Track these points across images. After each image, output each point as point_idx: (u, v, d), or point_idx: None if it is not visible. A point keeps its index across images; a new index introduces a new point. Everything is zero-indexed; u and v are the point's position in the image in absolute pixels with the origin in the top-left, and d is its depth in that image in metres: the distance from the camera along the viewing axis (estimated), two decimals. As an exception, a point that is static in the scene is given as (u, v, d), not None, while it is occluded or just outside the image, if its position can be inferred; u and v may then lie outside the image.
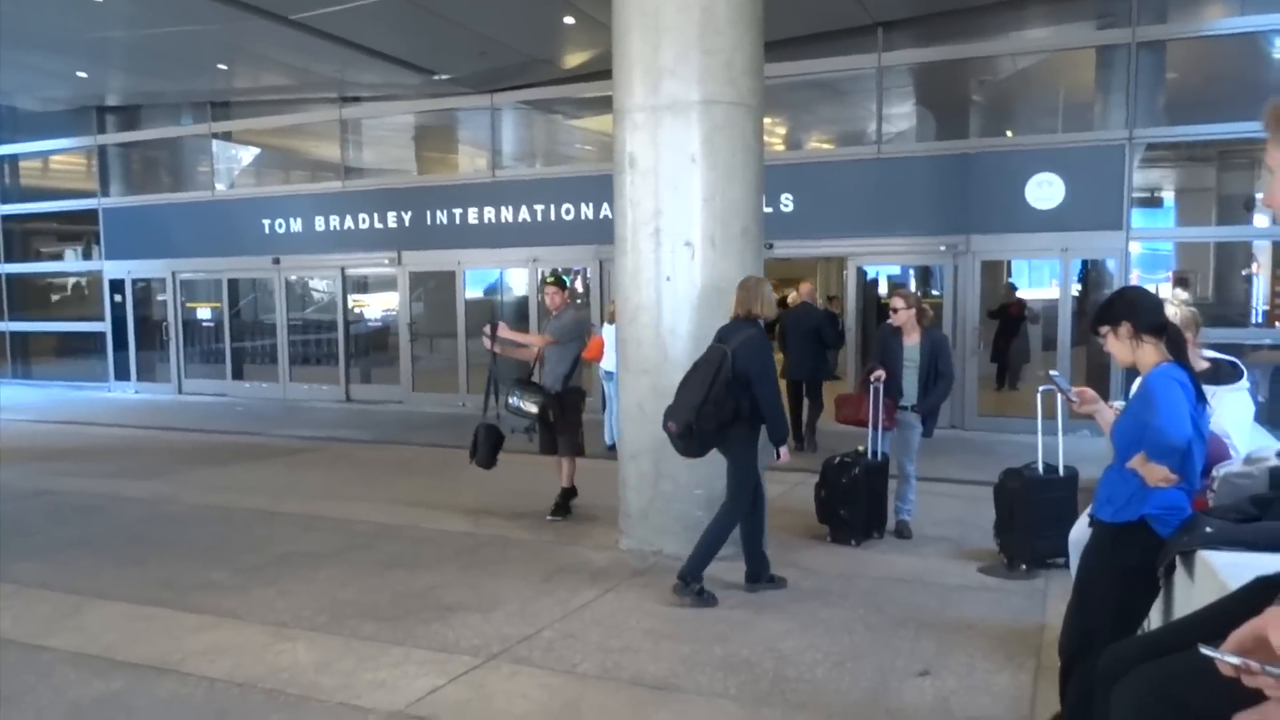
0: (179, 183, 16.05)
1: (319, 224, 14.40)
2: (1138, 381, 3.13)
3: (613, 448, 7.80)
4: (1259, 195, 11.72)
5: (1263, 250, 12.08)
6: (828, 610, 4.88)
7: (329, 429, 11.61)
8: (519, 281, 13.68)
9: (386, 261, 13.96)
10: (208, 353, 15.68)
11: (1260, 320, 12.14)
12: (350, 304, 14.76)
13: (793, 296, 20.74)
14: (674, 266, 5.71)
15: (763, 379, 4.90)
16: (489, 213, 13.24)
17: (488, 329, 6.83)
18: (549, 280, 7.09)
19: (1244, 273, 12.30)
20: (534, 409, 6.71)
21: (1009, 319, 12.03)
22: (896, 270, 12.53)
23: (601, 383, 9.97)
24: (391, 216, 13.92)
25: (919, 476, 6.46)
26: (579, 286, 13.93)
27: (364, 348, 14.94)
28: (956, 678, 3.99)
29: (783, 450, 5.08)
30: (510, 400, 6.76)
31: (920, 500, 6.53)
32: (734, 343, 4.93)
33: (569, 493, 6.96)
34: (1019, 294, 12.53)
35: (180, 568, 5.65)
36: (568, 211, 12.75)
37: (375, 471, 8.83)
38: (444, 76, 12.65)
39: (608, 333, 9.10)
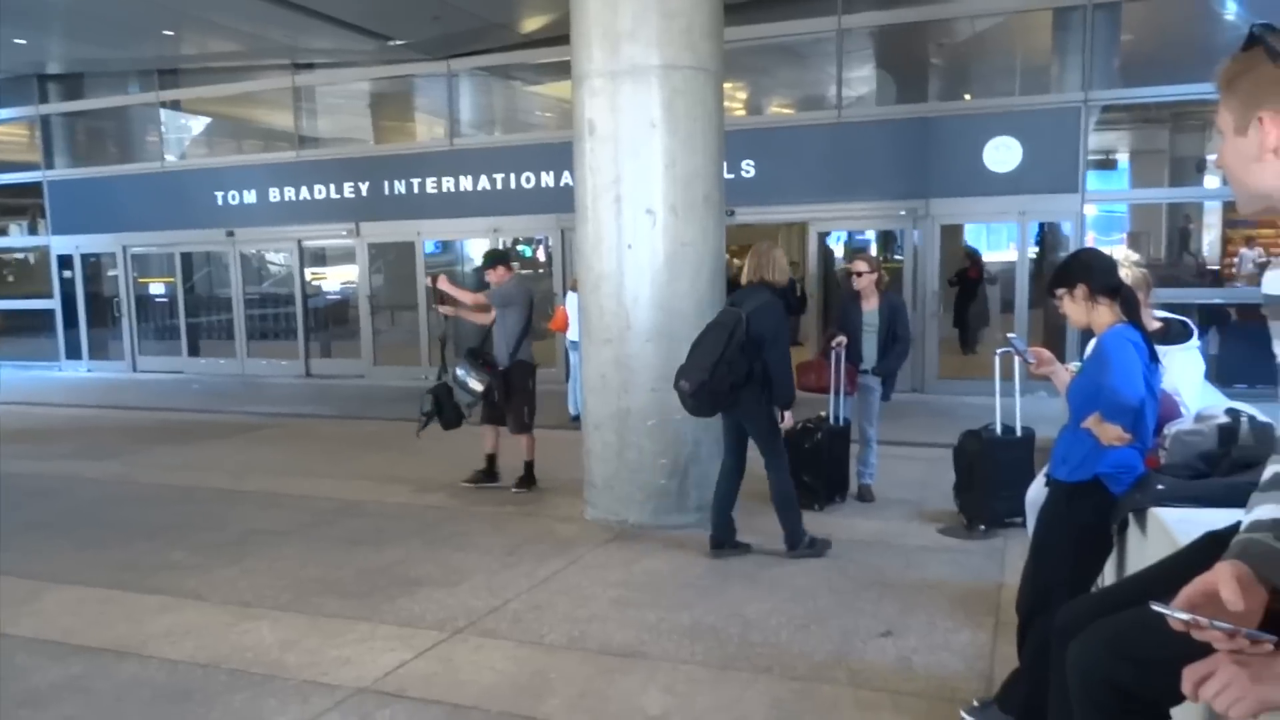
0: (127, 154, 15.63)
1: (274, 195, 14.13)
2: (1092, 343, 3.18)
3: (577, 419, 7.79)
4: (1210, 157, 11.91)
5: (1213, 210, 12.30)
6: (792, 575, 4.94)
7: (289, 405, 11.47)
8: (479, 252, 13.51)
9: (344, 233, 13.75)
10: (162, 329, 15.38)
11: (1211, 280, 12.40)
12: (308, 277, 14.55)
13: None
14: (635, 234, 5.68)
15: (775, 343, 5.02)
16: (448, 182, 13.08)
17: (429, 281, 6.79)
18: (484, 264, 6.85)
19: (1183, 228, 12.46)
20: (479, 387, 6.60)
21: (968, 283, 12.17)
22: (858, 235, 12.57)
23: (567, 353, 9.95)
24: (348, 187, 13.69)
25: (880, 440, 6.53)
26: (540, 256, 13.85)
27: (323, 321, 14.75)
28: (918, 636, 4.06)
29: (787, 414, 5.21)
30: (458, 372, 6.67)
31: (882, 464, 6.61)
32: (748, 306, 5.02)
33: (492, 461, 6.91)
34: (977, 256, 12.68)
35: (140, 549, 5.57)
36: (528, 180, 12.63)
37: (337, 447, 8.76)
38: (399, 42, 12.40)
39: (571, 302, 9.05)
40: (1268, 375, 1.58)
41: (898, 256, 11.42)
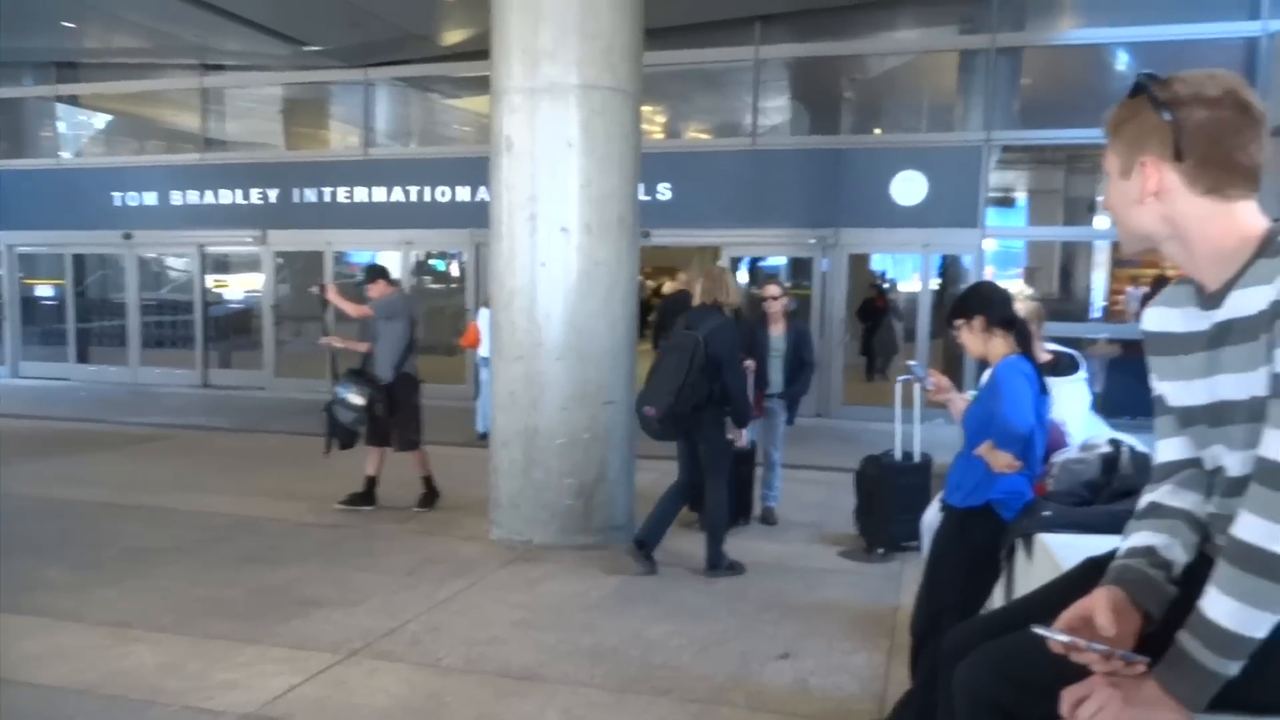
0: (18, 148, 14.88)
1: (176, 198, 13.63)
2: (987, 372, 3.28)
3: (485, 436, 7.69)
4: (1100, 198, 12.52)
5: (1102, 248, 12.92)
6: (695, 597, 4.95)
7: (184, 416, 11.04)
8: (391, 265, 13.28)
9: (250, 240, 13.35)
10: (49, 333, 14.65)
11: (1100, 315, 13.01)
12: (209, 284, 14.07)
13: (668, 285, 21.09)
14: (550, 252, 5.66)
15: (732, 364, 5.15)
16: (361, 192, 12.83)
17: (316, 288, 6.61)
18: (364, 279, 6.67)
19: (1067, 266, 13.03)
20: (360, 401, 6.41)
21: (875, 312, 12.48)
22: (772, 260, 12.80)
23: (478, 370, 9.85)
24: (256, 193, 13.31)
25: (785, 464, 6.63)
26: (454, 271, 13.69)
27: (224, 330, 14.27)
28: (815, 659, 4.11)
29: (744, 432, 5.58)
30: (337, 391, 6.45)
31: (786, 487, 6.71)
32: (703, 329, 5.11)
33: (371, 483, 6.67)
34: (883, 287, 13.03)
35: (10, 567, 5.25)
36: (443, 194, 12.49)
37: (234, 461, 8.45)
38: (314, 48, 12.15)
39: (483, 318, 8.97)
40: (1149, 408, 1.66)
41: (805, 284, 11.67)
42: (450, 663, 4.01)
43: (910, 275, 12.41)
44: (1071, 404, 3.63)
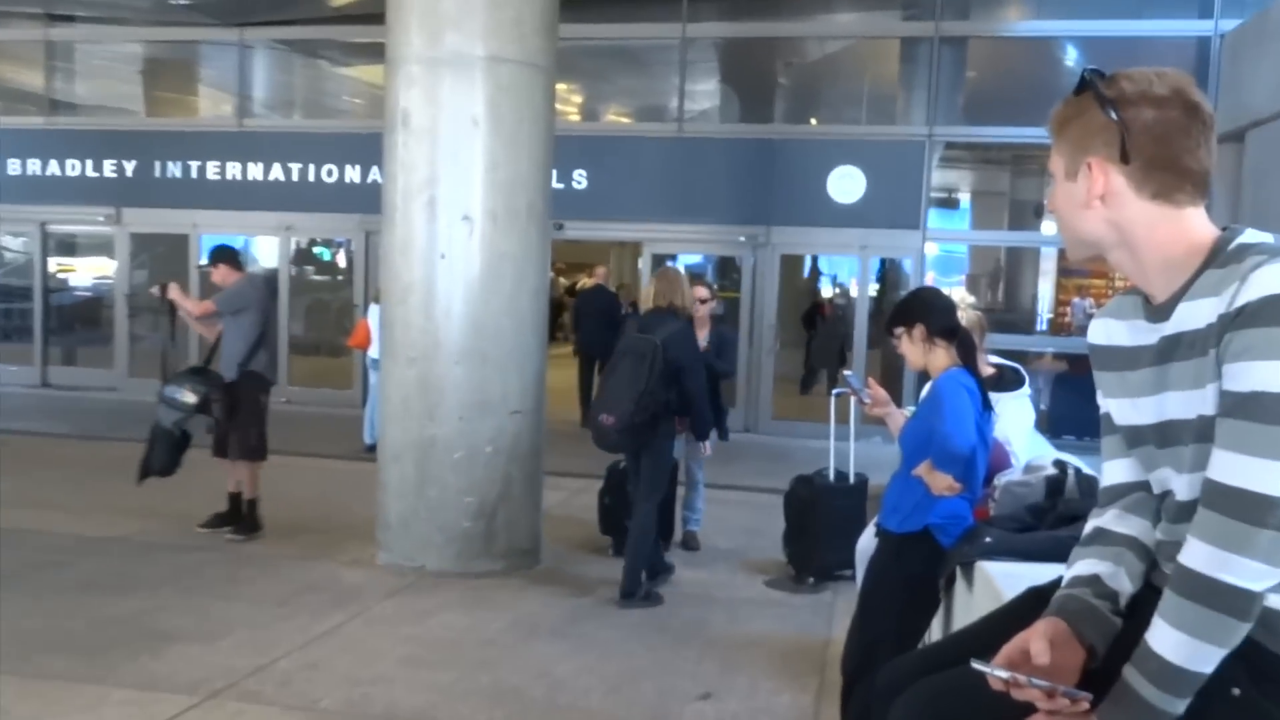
0: None
1: (12, 167, 13.05)
2: (928, 386, 3.37)
3: (373, 449, 7.56)
4: (1046, 201, 12.99)
5: (1049, 255, 13.40)
6: (607, 630, 4.95)
7: (18, 420, 10.56)
8: (268, 252, 13.02)
9: (101, 219, 12.86)
10: None
11: (1044, 328, 13.49)
12: (52, 268, 13.51)
13: (584, 281, 21.16)
14: (450, 242, 5.62)
15: (694, 371, 5.38)
16: (234, 169, 12.50)
17: (157, 289, 6.34)
18: (208, 261, 6.46)
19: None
20: (192, 399, 6.09)
21: (821, 320, 12.67)
22: (696, 259, 12.94)
23: (367, 373, 9.69)
24: (110, 165, 12.83)
25: (708, 483, 6.69)
26: (340, 261, 13.44)
27: (68, 322, 13.72)
28: (738, 699, 4.15)
29: (707, 444, 5.87)
30: (165, 390, 6.13)
31: (709, 509, 6.76)
32: (660, 334, 5.25)
33: (236, 501, 6.41)
34: (825, 293, 13.26)
35: None
36: (329, 173, 12.26)
37: (78, 473, 8.12)
38: (182, 1, 11.79)
39: (373, 315, 8.82)
40: (1096, 427, 1.71)
41: (733, 284, 11.80)
42: (329, 705, 3.92)
43: (847, 279, 12.67)
44: (1015, 422, 3.75)
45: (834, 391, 6.04)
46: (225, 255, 6.44)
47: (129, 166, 12.78)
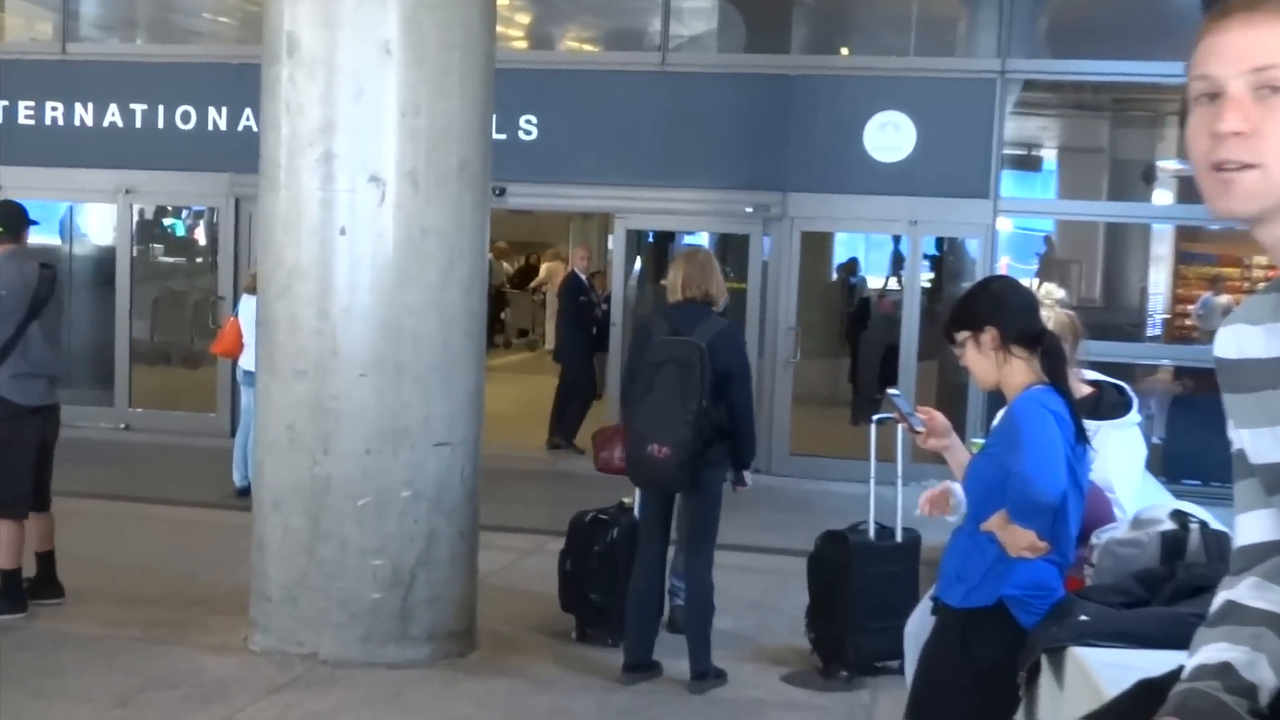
0: None
1: None
2: (1002, 412, 3.39)
3: (246, 492, 7.53)
4: (1165, 162, 13.10)
5: (1163, 236, 13.53)
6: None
7: None
8: (100, 224, 12.95)
9: None
10: None
11: (1158, 333, 13.57)
12: None
13: (548, 268, 21.18)
14: (353, 213, 5.61)
15: (744, 381, 5.68)
16: (54, 110, 12.43)
17: None
18: None
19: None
20: None
21: (876, 321, 12.68)
22: (686, 238, 12.99)
23: (238, 391, 9.65)
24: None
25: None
26: (200, 237, 13.40)
27: None
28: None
29: (748, 475, 5.94)
30: None
31: (706, 575, 6.77)
32: (701, 334, 5.46)
33: (46, 562, 6.38)
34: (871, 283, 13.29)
35: None
36: (185, 117, 12.20)
37: None
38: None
39: (247, 310, 8.79)
40: (1226, 468, 1.70)
41: (735, 272, 11.84)
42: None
43: (890, 266, 12.74)
44: (1121, 459, 3.77)
45: (874, 417, 6.07)
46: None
47: (-91, 107, 12.72)
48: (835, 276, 13.35)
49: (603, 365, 12.46)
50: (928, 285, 11.78)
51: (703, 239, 13.06)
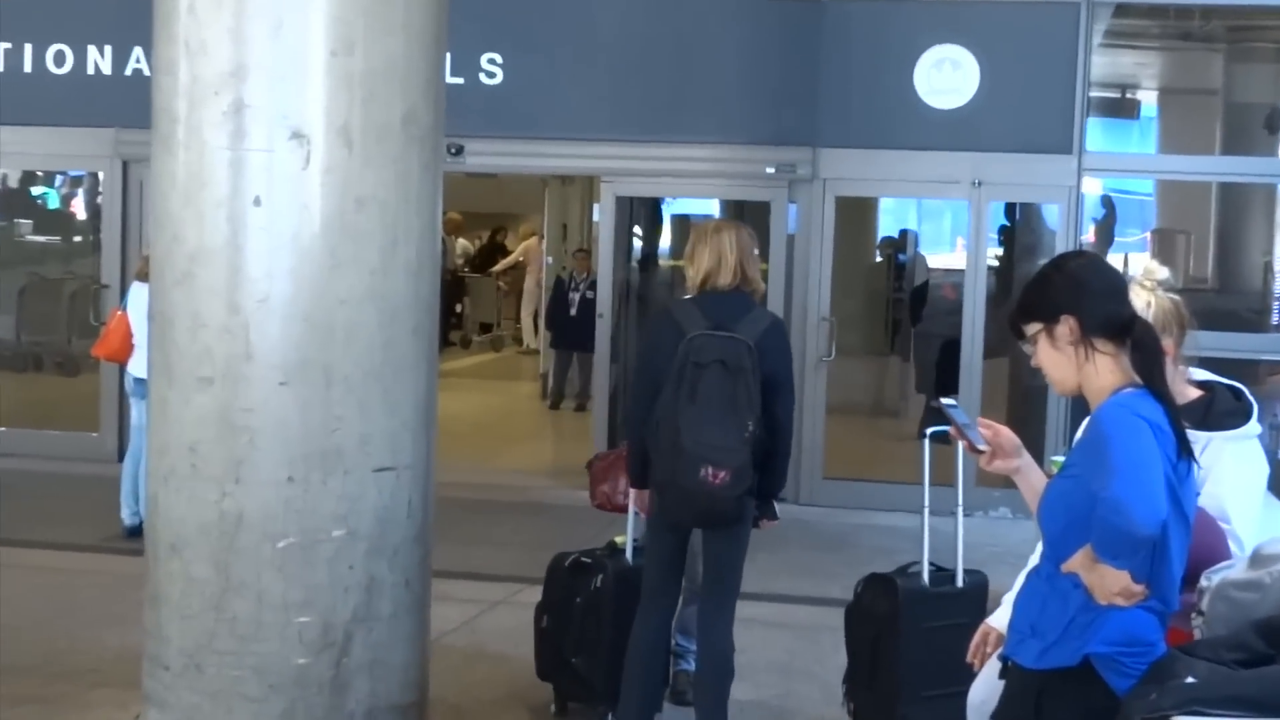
0: None
1: None
2: (1086, 423, 3.39)
3: (137, 531, 7.53)
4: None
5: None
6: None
7: None
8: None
9: None
10: None
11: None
12: None
13: (525, 247, 21.29)
14: (271, 179, 5.60)
15: (790, 392, 5.81)
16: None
17: None
18: None
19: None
20: None
21: (931, 309, 12.66)
22: (691, 206, 13.01)
23: (126, 404, 9.62)
24: None
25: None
26: (78, 209, 13.39)
27: None
28: None
29: (778, 506, 6.11)
30: None
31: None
32: (747, 330, 5.54)
33: None
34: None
35: None
36: (59, 59, 12.21)
37: None
38: None
39: (136, 303, 8.79)
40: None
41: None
42: None
43: (949, 237, 12.76)
44: (1237, 479, 3.76)
45: (925, 431, 6.07)
46: None
47: None
48: (879, 254, 13.34)
49: (585, 367, 12.47)
50: (995, 264, 11.78)
51: (713, 208, 13.10)
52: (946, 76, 11.20)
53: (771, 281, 11.49)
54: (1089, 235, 11.70)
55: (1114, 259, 11.03)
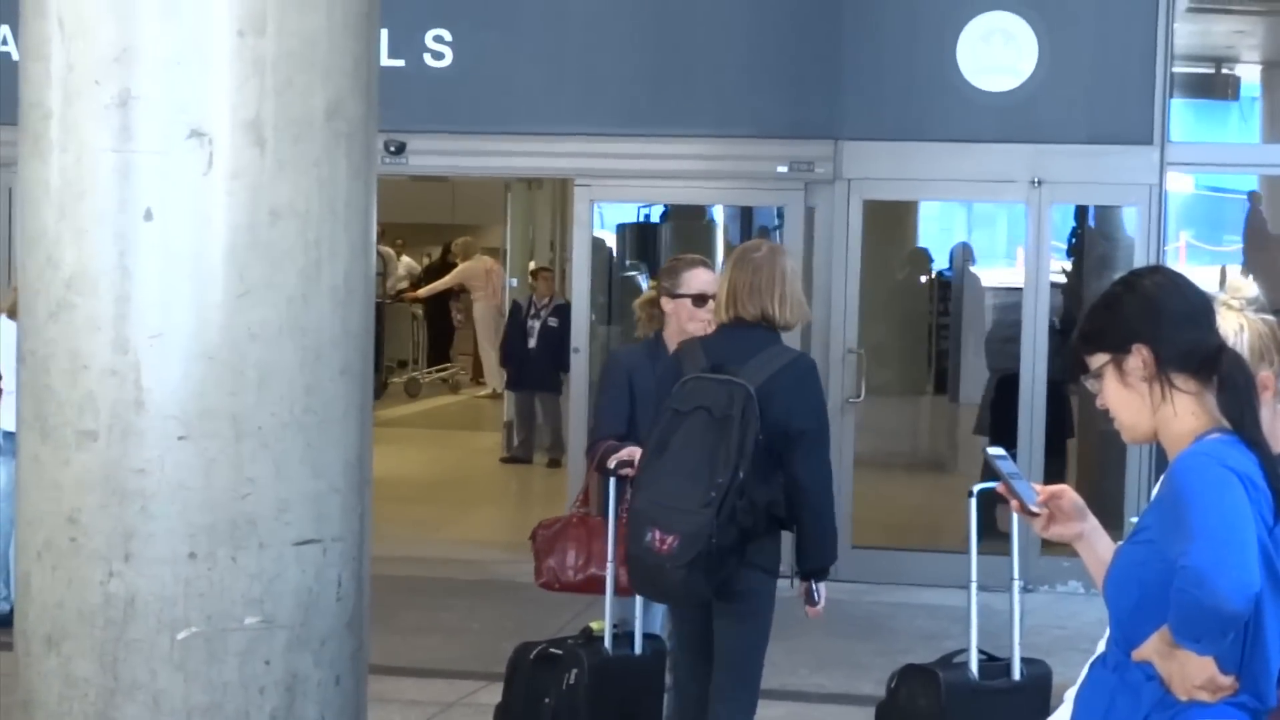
0: None
1: None
2: (1162, 479, 3.40)
3: (6, 620, 7.55)
4: None
5: None
6: None
7: None
8: None
9: None
10: None
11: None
12: None
13: (465, 269, 21.31)
14: (165, 187, 5.60)
15: (816, 444, 5.90)
16: None
17: None
18: None
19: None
20: None
21: (987, 337, 12.70)
22: (695, 214, 13.09)
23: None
24: None
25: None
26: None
27: None
28: None
29: (821, 590, 6.05)
30: None
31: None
32: (752, 373, 5.65)
33: None
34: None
35: None
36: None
37: None
38: None
39: (2, 341, 8.84)
40: None
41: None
42: None
43: (1004, 247, 12.81)
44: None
45: (972, 489, 6.10)
46: None
47: None
48: (917, 271, 13.38)
49: (551, 411, 12.51)
50: (1061, 280, 11.82)
51: (718, 215, 13.16)
52: (998, 52, 11.26)
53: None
54: (1177, 244, 11.72)
55: (1206, 274, 11.03)
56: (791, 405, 5.67)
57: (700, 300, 6.59)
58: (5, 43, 11.58)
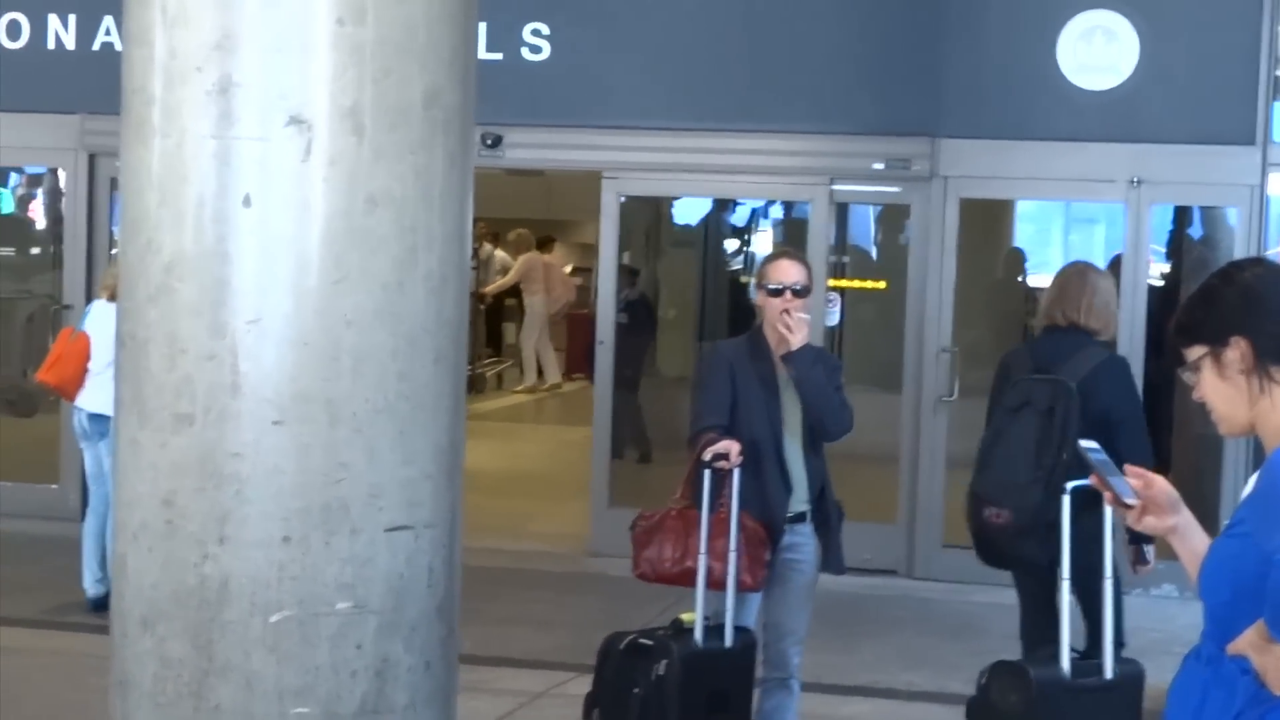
0: None
1: None
2: (1254, 477, 3.37)
3: (102, 604, 7.61)
4: None
5: None
6: None
7: None
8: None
9: None
10: None
11: None
12: None
13: (526, 259, 21.11)
14: (264, 174, 5.63)
15: (1135, 427, 6.75)
16: None
17: None
18: None
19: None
20: None
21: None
22: (765, 208, 13.05)
23: (84, 446, 9.68)
24: None
25: (810, 681, 6.74)
26: (36, 214, 13.55)
27: None
28: None
29: (1149, 549, 6.85)
30: None
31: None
32: (1072, 371, 6.63)
33: None
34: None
35: None
36: (12, 30, 12.37)
37: None
38: None
39: (100, 323, 8.88)
40: None
41: (861, 265, 11.82)
42: None
43: (1100, 250, 12.72)
44: None
45: (1066, 486, 6.06)
46: None
47: None
48: (1013, 270, 13.30)
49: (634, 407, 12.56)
50: (1160, 283, 11.72)
51: (811, 211, 13.12)
52: (1098, 50, 11.19)
53: (880, 303, 11.51)
54: (1279, 247, 11.59)
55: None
56: (1109, 395, 6.57)
57: (776, 292, 6.60)
58: (109, 33, 11.67)
